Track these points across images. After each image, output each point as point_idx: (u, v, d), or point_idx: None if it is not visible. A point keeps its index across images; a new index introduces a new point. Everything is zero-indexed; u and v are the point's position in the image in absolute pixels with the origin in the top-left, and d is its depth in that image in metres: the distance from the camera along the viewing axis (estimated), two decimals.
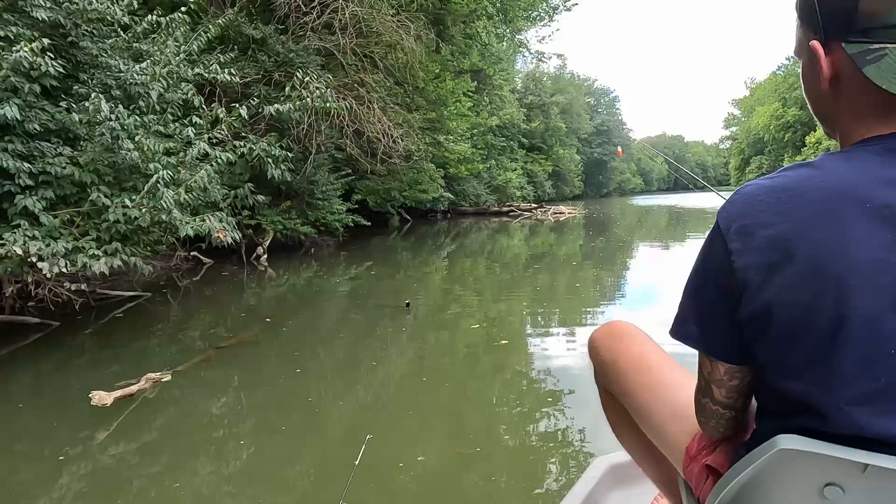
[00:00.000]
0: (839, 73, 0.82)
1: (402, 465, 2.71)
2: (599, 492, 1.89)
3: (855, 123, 0.83)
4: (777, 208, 0.76)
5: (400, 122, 13.61)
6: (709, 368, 0.91)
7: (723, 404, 0.95)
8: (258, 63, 10.98)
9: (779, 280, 0.74)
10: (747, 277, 0.77)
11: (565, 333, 5.31)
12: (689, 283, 0.90)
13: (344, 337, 5.47)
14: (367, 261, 11.73)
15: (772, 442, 0.75)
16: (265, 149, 6.17)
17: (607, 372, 1.33)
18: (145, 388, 3.66)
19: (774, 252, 0.75)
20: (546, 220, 23.84)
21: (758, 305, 0.77)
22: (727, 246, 0.80)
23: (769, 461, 0.75)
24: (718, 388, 0.92)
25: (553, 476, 2.59)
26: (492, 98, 29.72)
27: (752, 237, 0.77)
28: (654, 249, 13.37)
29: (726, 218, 0.82)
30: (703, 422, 1.02)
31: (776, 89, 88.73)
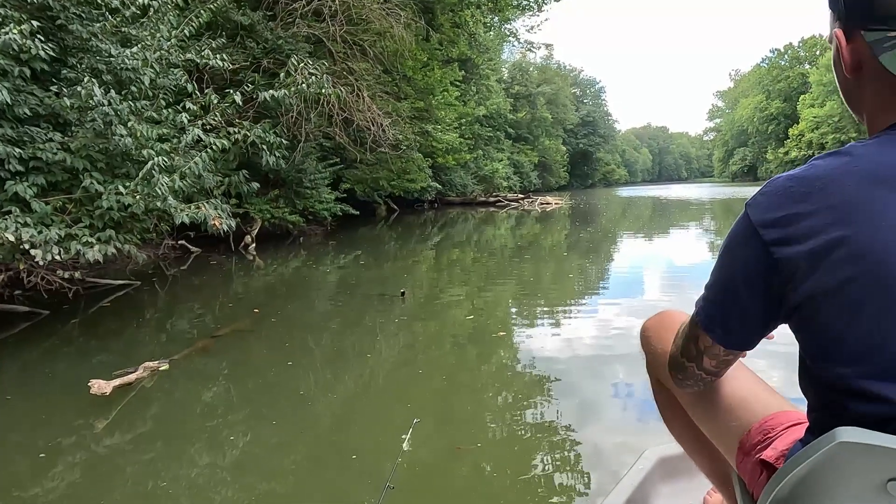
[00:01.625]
0: (861, 60, 0.82)
1: (444, 452, 2.72)
2: (649, 484, 1.85)
3: (878, 110, 0.83)
4: (814, 197, 0.76)
5: (389, 110, 13.54)
6: (707, 343, 0.93)
7: (707, 371, 0.99)
8: (246, 50, 10.87)
9: (825, 267, 0.73)
10: (791, 267, 0.76)
11: (561, 323, 5.33)
12: (716, 278, 0.89)
13: (335, 327, 5.45)
14: (355, 250, 11.69)
15: (830, 435, 0.71)
16: (260, 135, 6.10)
17: (659, 362, 1.30)
18: (143, 377, 3.63)
19: (818, 240, 0.74)
20: (533, 211, 23.89)
21: (805, 293, 0.76)
22: (762, 238, 0.79)
23: (827, 455, 0.72)
24: (711, 359, 0.96)
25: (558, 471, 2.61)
26: (479, 88, 29.72)
27: (792, 227, 0.76)
28: (639, 240, 13.46)
29: (759, 210, 0.81)
30: (679, 379, 1.06)
31: (760, 81, 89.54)
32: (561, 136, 59.37)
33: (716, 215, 20.07)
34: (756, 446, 1.02)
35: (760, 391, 1.12)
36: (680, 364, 1.03)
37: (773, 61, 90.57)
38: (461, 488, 2.42)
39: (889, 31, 0.77)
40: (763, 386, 1.15)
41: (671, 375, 1.08)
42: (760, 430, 1.04)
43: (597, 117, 74.50)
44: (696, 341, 0.96)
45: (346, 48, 12.45)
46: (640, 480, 1.83)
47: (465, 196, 27.74)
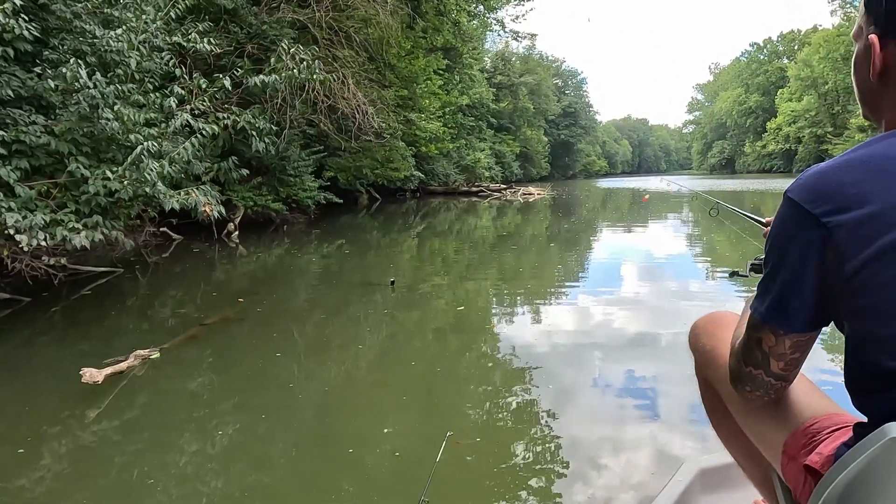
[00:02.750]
0: (891, 67, 0.84)
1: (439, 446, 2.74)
2: (689, 497, 1.80)
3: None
4: (863, 170, 0.79)
5: (374, 98, 13.45)
6: (772, 342, 0.92)
7: (776, 376, 0.96)
8: (230, 35, 10.71)
9: (877, 232, 0.76)
10: (844, 234, 0.78)
11: (546, 313, 5.37)
12: (769, 268, 0.91)
13: (321, 316, 5.43)
14: (338, 239, 11.65)
15: (880, 431, 0.68)
16: (250, 121, 6.02)
17: (707, 362, 1.30)
18: (134, 366, 3.60)
19: (870, 216, 0.76)
20: (515, 201, 23.94)
21: (861, 259, 0.77)
22: (812, 213, 0.81)
23: (879, 453, 0.68)
24: (778, 360, 0.93)
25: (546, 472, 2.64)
26: (462, 77, 29.61)
27: (845, 198, 0.79)
28: (620, 230, 13.57)
29: (802, 191, 0.83)
30: (748, 391, 1.02)
31: (739, 75, 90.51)
32: (543, 126, 59.52)
33: (693, 207, 20.30)
34: (801, 450, 1.00)
35: (808, 391, 1.10)
36: (745, 374, 1.00)
37: (752, 55, 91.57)
38: (465, 482, 2.43)
39: None
40: (811, 386, 1.12)
41: (737, 390, 1.04)
42: (806, 433, 1.01)
43: (578, 108, 74.75)
44: (760, 344, 0.94)
45: (331, 34, 12.33)
46: (680, 492, 1.78)
47: (447, 186, 27.71)
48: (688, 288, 6.27)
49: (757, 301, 0.93)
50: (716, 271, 7.47)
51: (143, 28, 5.61)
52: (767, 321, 0.91)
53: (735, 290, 6.20)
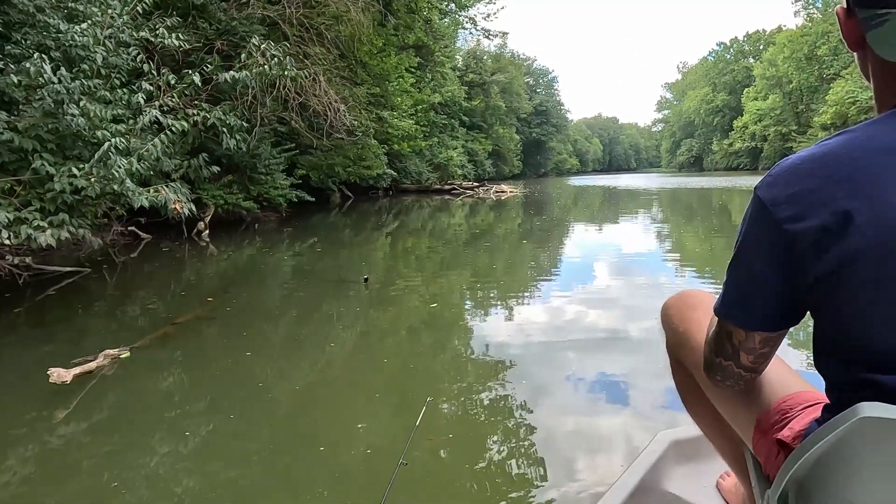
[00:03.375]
0: (860, 37, 0.83)
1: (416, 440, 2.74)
2: (661, 467, 1.84)
3: (882, 87, 0.84)
4: (824, 172, 0.77)
5: (345, 95, 13.38)
6: (741, 337, 0.92)
7: (746, 368, 0.97)
8: (199, 30, 10.54)
9: (843, 238, 0.74)
10: (806, 242, 0.77)
11: (518, 311, 5.41)
12: (734, 263, 0.90)
13: (293, 315, 5.40)
14: (310, 237, 11.57)
15: (852, 410, 0.69)
16: (220, 117, 5.94)
17: (678, 341, 1.30)
18: (104, 365, 3.54)
19: (829, 212, 0.74)
20: (488, 199, 24.02)
21: (823, 267, 0.76)
22: (775, 216, 0.79)
23: (849, 431, 0.70)
24: (748, 354, 0.94)
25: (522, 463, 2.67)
26: (434, 75, 29.64)
27: (803, 202, 0.77)
28: (591, 228, 13.71)
29: (770, 190, 0.82)
30: (717, 381, 1.03)
31: (707, 74, 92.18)
32: (515, 124, 59.80)
33: (662, 204, 20.61)
34: (773, 426, 1.01)
35: (780, 371, 1.10)
36: (716, 365, 1.01)
37: (719, 54, 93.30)
38: (443, 478, 2.43)
39: (878, 8, 0.78)
40: (783, 366, 1.13)
41: (709, 378, 1.06)
42: (778, 410, 1.02)
43: (549, 107, 75.27)
44: (731, 337, 0.94)
45: (302, 31, 12.22)
46: (652, 462, 1.82)
47: (419, 184, 27.67)
48: (658, 283, 6.37)
49: (721, 297, 0.93)
50: (685, 266, 7.61)
51: (110, 23, 5.50)
52: (729, 318, 0.92)
53: (703, 284, 6.33)
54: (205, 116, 5.71)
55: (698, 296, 1.32)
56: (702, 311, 1.24)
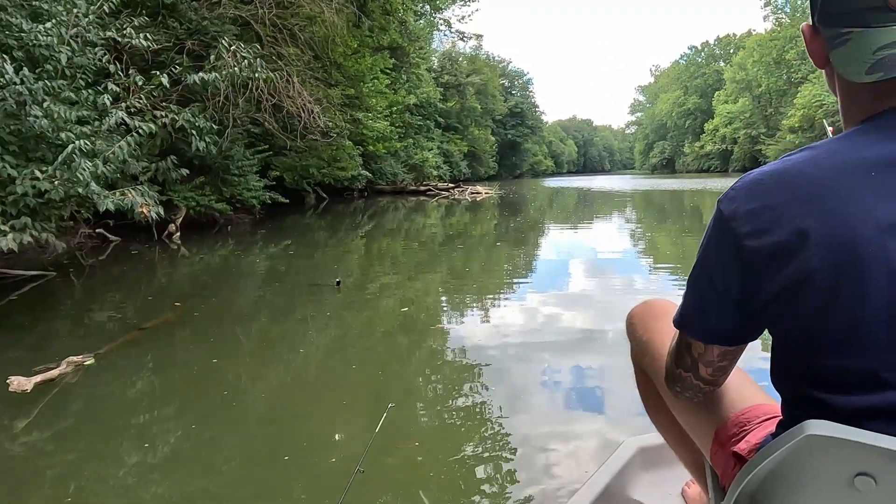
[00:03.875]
0: (825, 55, 0.83)
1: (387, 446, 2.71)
2: (628, 473, 1.84)
3: (849, 104, 0.84)
4: (783, 189, 0.76)
5: (320, 97, 13.28)
6: (700, 349, 0.91)
7: (705, 380, 0.96)
8: (168, 30, 10.37)
9: (798, 257, 0.73)
10: (763, 259, 0.77)
11: (494, 313, 5.42)
12: (693, 275, 0.89)
13: (265, 319, 5.33)
14: (284, 239, 11.47)
15: (799, 427, 0.70)
16: (189, 119, 5.84)
17: (641, 350, 1.31)
18: (67, 372, 3.45)
19: (788, 231, 0.74)
20: (463, 200, 24.05)
21: (778, 284, 0.76)
22: (735, 231, 0.79)
23: (796, 448, 0.71)
24: (706, 366, 0.94)
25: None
26: (409, 76, 29.61)
27: (763, 219, 0.77)
28: (566, 229, 13.81)
29: (731, 204, 0.81)
30: (677, 391, 1.03)
31: (679, 77, 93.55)
32: (490, 126, 60.00)
33: (636, 206, 20.84)
34: (731, 439, 1.01)
35: (739, 382, 1.10)
36: (676, 375, 1.00)
37: (690, 58, 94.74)
38: (401, 485, 2.40)
39: (840, 27, 0.78)
40: (743, 377, 1.13)
41: (669, 388, 1.05)
42: (736, 423, 1.03)
43: (525, 108, 75.65)
44: (690, 349, 0.94)
45: (275, 32, 12.10)
46: (619, 469, 1.82)
47: (395, 185, 27.60)
48: (631, 284, 6.43)
49: (680, 308, 0.93)
50: (658, 267, 7.70)
51: (75, 22, 5.37)
52: (687, 330, 0.92)
53: (674, 284, 6.41)
54: (173, 118, 5.60)
55: (663, 305, 1.32)
56: (665, 322, 1.23)
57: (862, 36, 0.76)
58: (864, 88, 0.79)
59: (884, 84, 0.76)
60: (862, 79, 0.76)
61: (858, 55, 0.76)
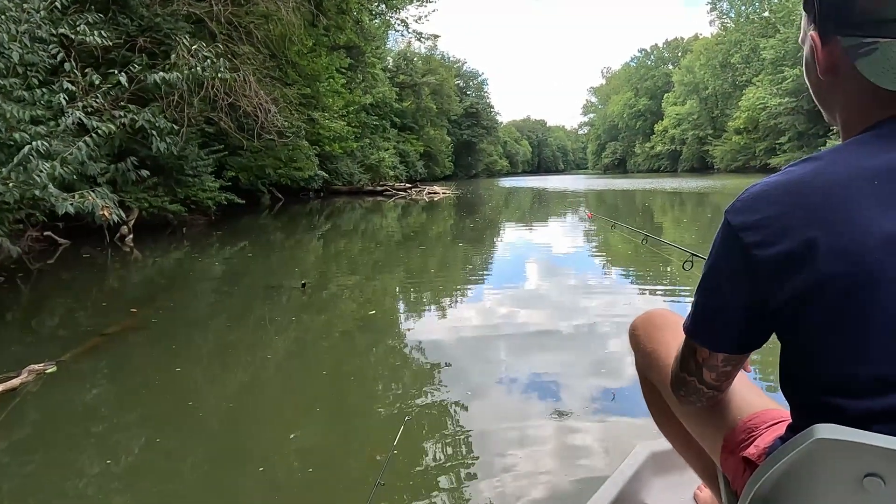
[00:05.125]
0: (836, 64, 0.84)
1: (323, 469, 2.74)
2: (640, 479, 1.85)
3: (854, 114, 0.85)
4: (789, 199, 0.78)
5: (276, 96, 13.13)
6: (705, 355, 0.93)
7: (709, 385, 0.98)
8: (119, 27, 10.09)
9: (807, 267, 0.75)
10: (770, 269, 0.78)
11: (452, 311, 5.50)
12: (703, 283, 0.90)
13: (225, 323, 5.26)
14: (241, 241, 11.32)
15: (808, 431, 0.72)
16: (149, 119, 5.71)
17: (647, 362, 1.32)
18: (28, 381, 3.37)
19: (796, 240, 0.75)
20: (420, 200, 24.09)
21: (786, 295, 0.77)
22: (743, 242, 0.80)
23: (805, 452, 0.72)
24: (710, 371, 0.95)
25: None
26: (365, 76, 29.47)
27: (770, 229, 0.78)
28: (521, 228, 14.01)
29: (738, 216, 0.82)
30: (681, 395, 1.05)
31: (629, 79, 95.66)
32: (446, 126, 60.14)
33: (590, 205, 21.26)
34: (740, 444, 1.03)
35: (745, 390, 1.12)
36: (681, 380, 1.02)
37: (640, 60, 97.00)
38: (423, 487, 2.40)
39: (864, 36, 0.79)
40: (748, 384, 1.15)
41: (674, 393, 1.07)
42: (744, 429, 1.05)
43: (480, 109, 76.01)
44: (695, 354, 0.95)
45: (231, 30, 11.92)
46: (631, 475, 1.83)
47: (352, 185, 27.45)
48: (586, 282, 6.60)
49: (691, 316, 0.94)
50: (611, 265, 7.92)
51: (26, 18, 5.21)
52: (695, 338, 0.94)
53: (629, 283, 6.61)
54: (132, 118, 5.48)
55: (665, 315, 1.35)
56: (668, 332, 1.28)
57: (891, 46, 0.77)
58: (879, 97, 0.80)
59: None
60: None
61: (892, 61, 0.77)
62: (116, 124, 5.34)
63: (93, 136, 4.93)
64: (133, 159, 6.42)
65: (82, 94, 5.56)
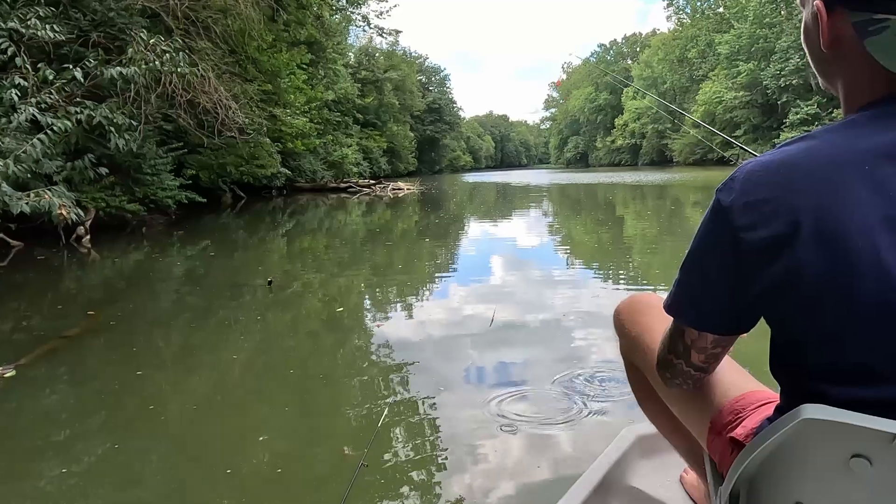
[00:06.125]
0: (841, 37, 0.80)
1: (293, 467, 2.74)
2: (626, 462, 1.84)
3: (854, 89, 0.83)
4: (779, 181, 0.76)
5: (236, 92, 12.93)
6: (694, 336, 0.92)
7: (696, 367, 0.97)
8: (71, 21, 9.79)
9: (790, 251, 0.73)
10: (758, 250, 0.76)
11: (418, 308, 5.53)
12: (687, 262, 0.88)
13: (190, 324, 5.16)
14: (203, 240, 11.13)
15: (795, 412, 0.72)
16: (107, 115, 5.56)
17: (631, 346, 1.32)
18: None
19: (782, 224, 0.74)
20: (385, 197, 24.01)
21: (773, 276, 0.76)
22: (732, 223, 0.79)
23: (792, 432, 0.72)
24: (698, 353, 0.94)
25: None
26: (326, 72, 29.20)
27: (758, 212, 0.76)
28: (486, 223, 14.09)
29: (728, 196, 0.80)
30: (667, 378, 1.04)
31: (590, 74, 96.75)
32: (409, 122, 60.00)
33: (553, 199, 21.50)
34: (727, 425, 1.02)
35: (732, 371, 1.12)
36: (668, 362, 1.01)
37: (600, 56, 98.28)
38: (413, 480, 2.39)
39: (875, 12, 0.75)
40: (734, 366, 1.14)
41: (660, 375, 1.06)
42: (731, 410, 1.04)
43: (442, 104, 76.05)
44: (683, 335, 0.94)
45: (188, 25, 11.67)
46: (617, 458, 1.82)
47: (315, 182, 27.18)
48: (551, 275, 6.69)
49: (672, 295, 0.93)
50: (575, 258, 8.04)
51: None
52: (679, 317, 0.93)
53: (593, 275, 6.72)
54: (89, 114, 5.32)
55: (648, 299, 1.35)
56: (651, 316, 1.28)
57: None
58: (885, 74, 0.77)
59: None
60: None
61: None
62: (73, 121, 5.17)
63: (48, 132, 4.78)
64: (91, 157, 6.23)
65: (35, 89, 5.37)
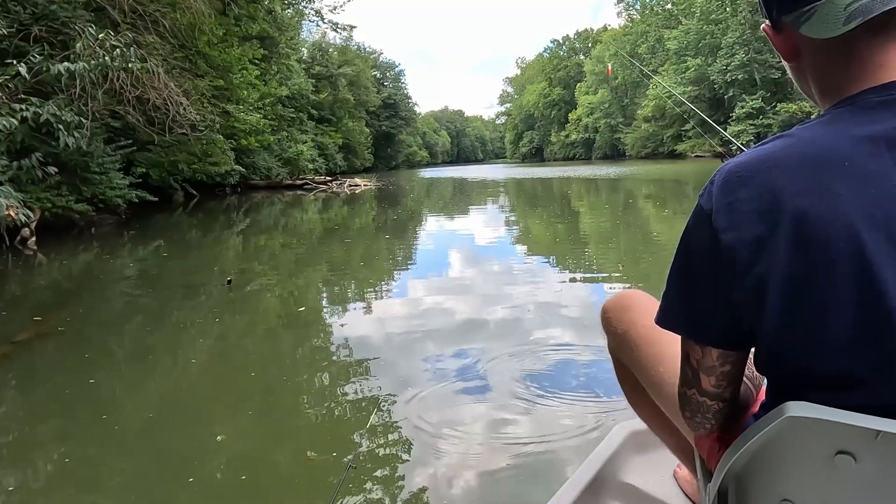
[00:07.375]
0: (794, 45, 0.84)
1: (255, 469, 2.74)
2: (619, 458, 1.83)
3: (824, 87, 0.83)
4: (756, 181, 0.75)
5: (187, 88, 12.64)
6: (698, 355, 0.87)
7: (710, 394, 0.90)
8: (10, 14, 9.41)
9: (769, 253, 0.72)
10: (737, 254, 0.75)
11: (385, 305, 5.55)
12: (674, 269, 0.86)
13: (149, 326, 5.05)
14: (155, 240, 10.88)
15: (780, 409, 0.72)
16: (55, 113, 5.37)
17: (619, 343, 1.32)
18: None
19: (760, 225, 0.73)
20: (342, 193, 23.85)
21: (752, 281, 0.74)
22: (712, 225, 0.77)
23: (778, 429, 0.72)
24: (708, 375, 0.88)
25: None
26: (280, 67, 28.80)
27: (737, 212, 0.75)
28: (443, 219, 14.16)
29: (708, 197, 0.79)
30: (687, 417, 0.97)
31: (543, 69, 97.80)
32: (364, 118, 59.61)
33: (509, 194, 21.72)
34: None
35: None
36: (683, 396, 0.95)
37: (553, 51, 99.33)
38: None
39: (803, 6, 0.78)
40: None
41: (682, 417, 0.99)
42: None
43: (398, 100, 75.74)
44: (689, 358, 0.90)
45: (135, 18, 11.36)
46: (609, 454, 1.82)
47: (270, 180, 26.76)
48: (509, 269, 6.79)
49: (663, 306, 0.90)
50: (532, 252, 8.17)
51: None
52: (676, 329, 0.89)
53: (551, 268, 6.85)
54: (36, 112, 5.14)
55: (634, 296, 1.35)
56: (637, 311, 1.28)
57: (827, 4, 0.76)
58: (839, 62, 0.79)
59: (860, 48, 0.77)
60: (840, 30, 0.74)
61: (831, 16, 0.75)
62: (18, 118, 4.98)
63: None
64: (38, 155, 6.02)
65: None
